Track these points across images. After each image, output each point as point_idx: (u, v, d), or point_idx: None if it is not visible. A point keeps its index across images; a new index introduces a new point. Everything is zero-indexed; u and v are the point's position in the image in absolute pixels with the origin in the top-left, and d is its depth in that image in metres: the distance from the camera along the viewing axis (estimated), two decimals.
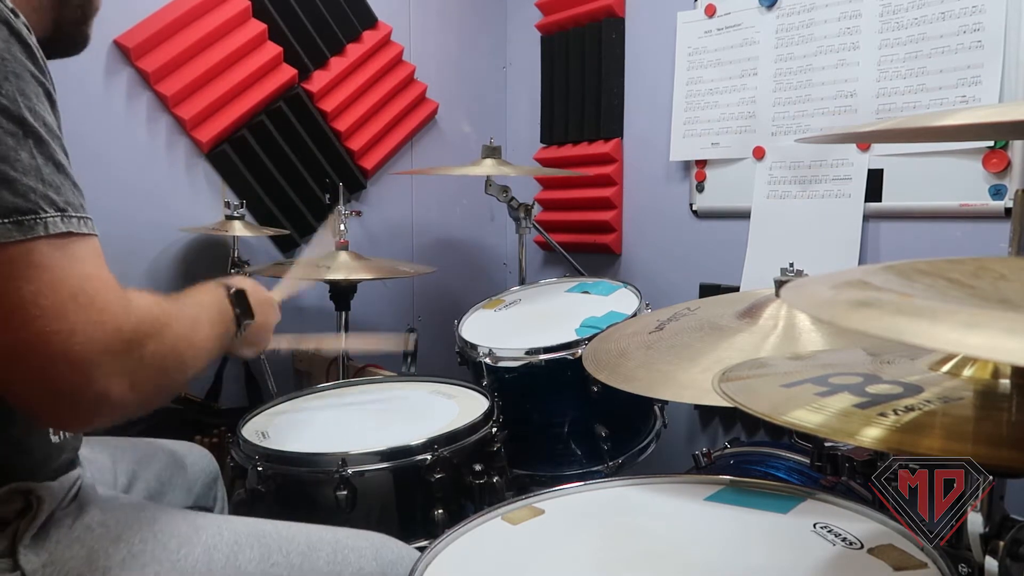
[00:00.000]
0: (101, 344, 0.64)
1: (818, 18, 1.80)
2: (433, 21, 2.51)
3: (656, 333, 1.20)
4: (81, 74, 1.81)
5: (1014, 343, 0.40)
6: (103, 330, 0.64)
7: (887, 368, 0.68)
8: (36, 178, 0.63)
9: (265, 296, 1.00)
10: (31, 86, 0.65)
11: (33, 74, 0.66)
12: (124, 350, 0.66)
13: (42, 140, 0.65)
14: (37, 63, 0.67)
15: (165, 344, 0.71)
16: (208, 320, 0.82)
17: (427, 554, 0.82)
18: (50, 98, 0.68)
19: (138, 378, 0.68)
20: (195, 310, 0.81)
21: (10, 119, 0.63)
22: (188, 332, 0.76)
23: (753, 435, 1.98)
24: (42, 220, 0.63)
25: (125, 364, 0.66)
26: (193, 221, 1.98)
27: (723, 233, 2.05)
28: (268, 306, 1.00)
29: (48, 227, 0.63)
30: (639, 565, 0.80)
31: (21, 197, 0.62)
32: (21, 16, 0.66)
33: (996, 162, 1.52)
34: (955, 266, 0.59)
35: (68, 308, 0.63)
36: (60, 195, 0.65)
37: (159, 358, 0.70)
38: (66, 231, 0.64)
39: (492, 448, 1.28)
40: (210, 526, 0.87)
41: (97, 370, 0.64)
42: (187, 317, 0.77)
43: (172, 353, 0.73)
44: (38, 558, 0.75)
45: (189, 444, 1.28)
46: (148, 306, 0.70)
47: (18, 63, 0.64)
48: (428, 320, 2.52)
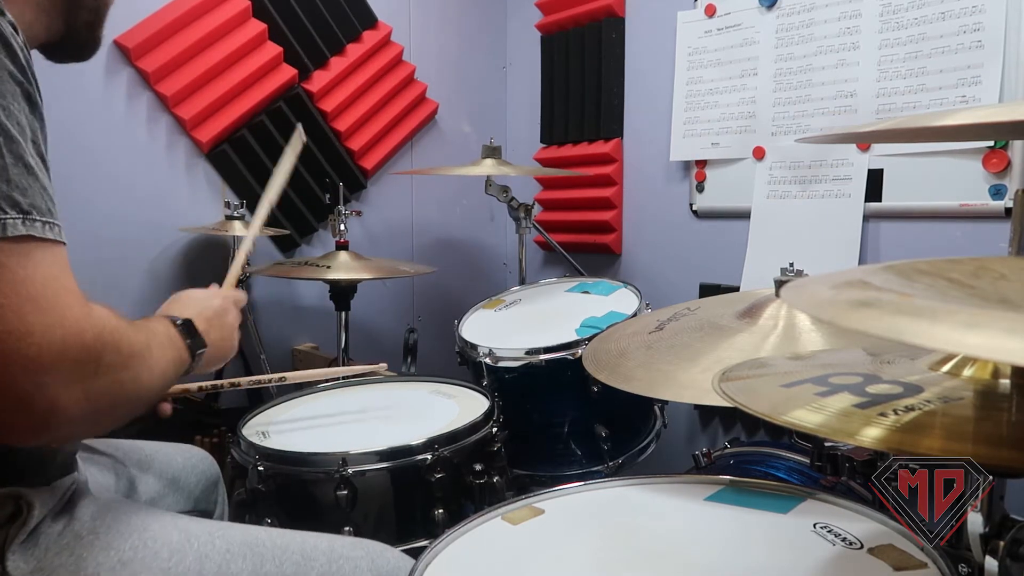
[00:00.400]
0: (58, 348, 0.62)
1: (818, 18, 1.80)
2: (433, 21, 2.51)
3: (656, 333, 1.20)
4: (81, 74, 1.81)
5: (1014, 343, 0.40)
6: (62, 334, 0.62)
7: (887, 368, 0.68)
8: (1, 178, 0.62)
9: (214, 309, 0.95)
10: (7, 85, 0.64)
11: (11, 73, 0.65)
12: (82, 357, 0.64)
13: (12, 139, 0.64)
14: (18, 63, 0.66)
15: (122, 358, 0.69)
16: (159, 345, 0.79)
17: (427, 554, 0.82)
18: (30, 100, 0.67)
19: (93, 389, 0.66)
20: (146, 334, 0.77)
21: None
22: (143, 352, 0.74)
23: (753, 435, 1.98)
24: (1, 221, 0.61)
25: (82, 372, 0.64)
26: (193, 221, 1.98)
27: (723, 233, 2.05)
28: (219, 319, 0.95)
29: (7, 229, 0.61)
30: (639, 565, 0.80)
31: None
32: (7, 15, 0.65)
33: (996, 162, 1.52)
34: (955, 266, 0.59)
35: (26, 309, 0.61)
36: (26, 197, 0.63)
37: (116, 372, 0.68)
38: (26, 234, 0.63)
39: (492, 448, 1.28)
40: (202, 534, 0.86)
41: (50, 375, 0.62)
42: (141, 338, 0.75)
43: (129, 370, 0.70)
44: (27, 565, 0.74)
45: (190, 447, 1.27)
46: (109, 318, 0.69)
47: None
48: (428, 320, 2.52)
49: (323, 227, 2.27)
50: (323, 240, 2.28)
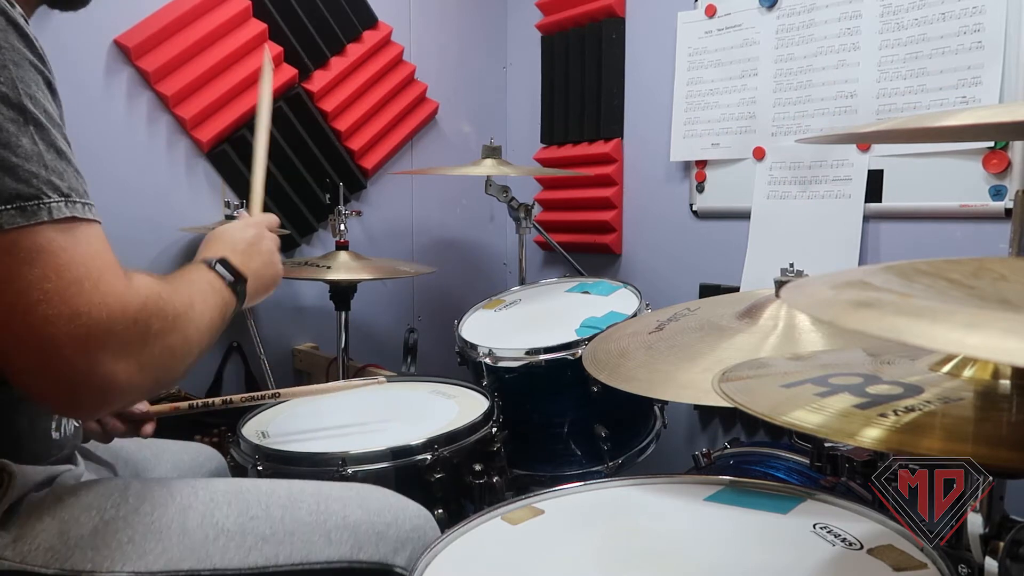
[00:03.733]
0: (106, 326, 0.64)
1: (818, 18, 1.80)
2: (433, 21, 2.51)
3: (656, 333, 1.20)
4: (81, 74, 1.81)
5: (1014, 343, 0.40)
6: (108, 311, 0.64)
7: (887, 368, 0.68)
8: (39, 164, 0.64)
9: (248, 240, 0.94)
10: (30, 74, 0.66)
11: (32, 62, 0.66)
12: (130, 331, 0.66)
13: (43, 127, 0.65)
14: (36, 51, 0.67)
15: (169, 322, 0.71)
16: (201, 297, 0.80)
17: (427, 554, 0.82)
18: (50, 86, 0.69)
19: (145, 359, 0.67)
20: (187, 289, 0.79)
21: (10, 106, 0.63)
22: (187, 310, 0.75)
23: (753, 435, 1.97)
24: (46, 205, 0.63)
25: (131, 345, 0.66)
26: (193, 221, 1.98)
27: (723, 233, 2.05)
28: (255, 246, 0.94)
29: (52, 212, 0.63)
30: (639, 565, 0.80)
31: (24, 183, 0.62)
32: (17, 7, 0.66)
33: (996, 163, 1.52)
34: (955, 266, 0.59)
35: (71, 291, 0.63)
36: (63, 181, 0.65)
37: (164, 337, 0.70)
38: (70, 216, 0.65)
39: (492, 448, 1.29)
40: (184, 488, 0.86)
41: (103, 352, 0.64)
42: (183, 295, 0.76)
43: (177, 332, 0.72)
44: (8, 534, 0.74)
45: (198, 445, 1.27)
46: (150, 286, 0.71)
47: (16, 51, 0.65)
48: (428, 320, 2.52)
49: (323, 227, 2.27)
50: (323, 240, 2.28)
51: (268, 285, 0.96)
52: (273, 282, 0.97)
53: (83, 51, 1.81)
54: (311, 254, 2.22)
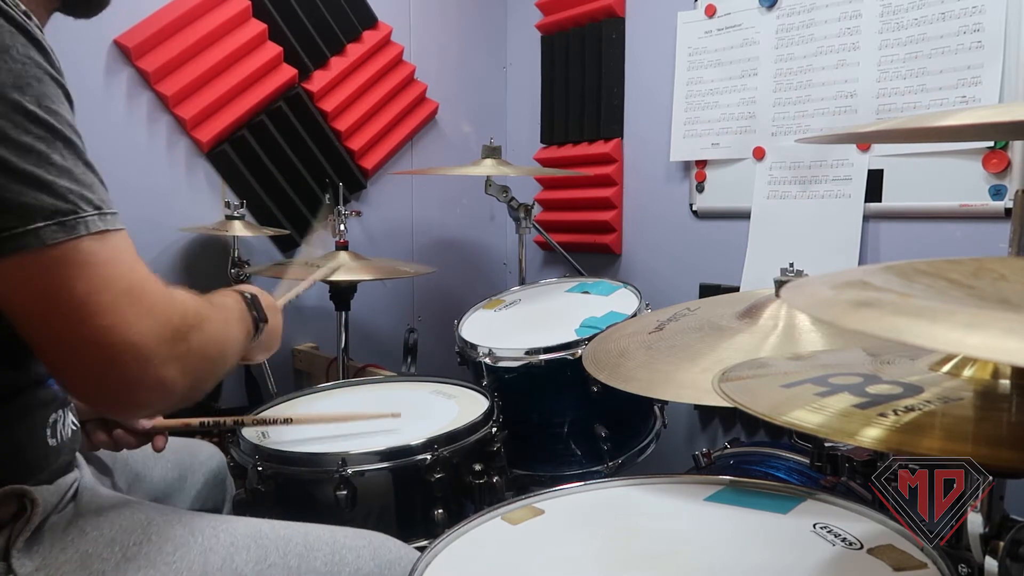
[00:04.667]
0: (155, 334, 0.68)
1: (818, 18, 1.80)
2: (433, 21, 2.51)
3: (656, 333, 1.20)
4: (81, 74, 1.81)
5: (1014, 343, 0.40)
6: (156, 321, 0.68)
7: (887, 368, 0.68)
8: (70, 179, 0.66)
9: (271, 302, 1.02)
10: (51, 88, 0.67)
11: (52, 76, 0.67)
12: (175, 338, 0.70)
13: (70, 141, 0.67)
14: (54, 65, 0.68)
15: (206, 334, 0.75)
16: (234, 318, 0.87)
17: (427, 554, 0.82)
18: (69, 99, 0.70)
19: (188, 364, 0.71)
20: (222, 309, 0.84)
21: (38, 124, 0.64)
22: (222, 326, 0.81)
23: (753, 435, 1.97)
24: (83, 220, 0.65)
25: (177, 351, 0.70)
26: (193, 221, 1.98)
27: (723, 233, 2.04)
28: (276, 311, 1.03)
29: (89, 226, 0.66)
30: (639, 565, 0.80)
31: (60, 199, 0.64)
32: (34, 19, 0.67)
33: (996, 162, 1.52)
34: (955, 266, 0.59)
35: (122, 303, 0.66)
36: (95, 193, 0.68)
37: (203, 346, 0.74)
38: (104, 228, 0.67)
39: (492, 448, 1.28)
40: (206, 528, 0.87)
41: (155, 358, 0.68)
42: (219, 313, 0.82)
43: (213, 343, 0.77)
44: (32, 562, 0.74)
45: (199, 442, 1.27)
46: (188, 300, 0.75)
47: (38, 67, 0.66)
48: (428, 320, 2.52)
49: (323, 227, 2.26)
50: (323, 240, 2.28)
51: (270, 347, 1.02)
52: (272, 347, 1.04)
53: (83, 51, 1.81)
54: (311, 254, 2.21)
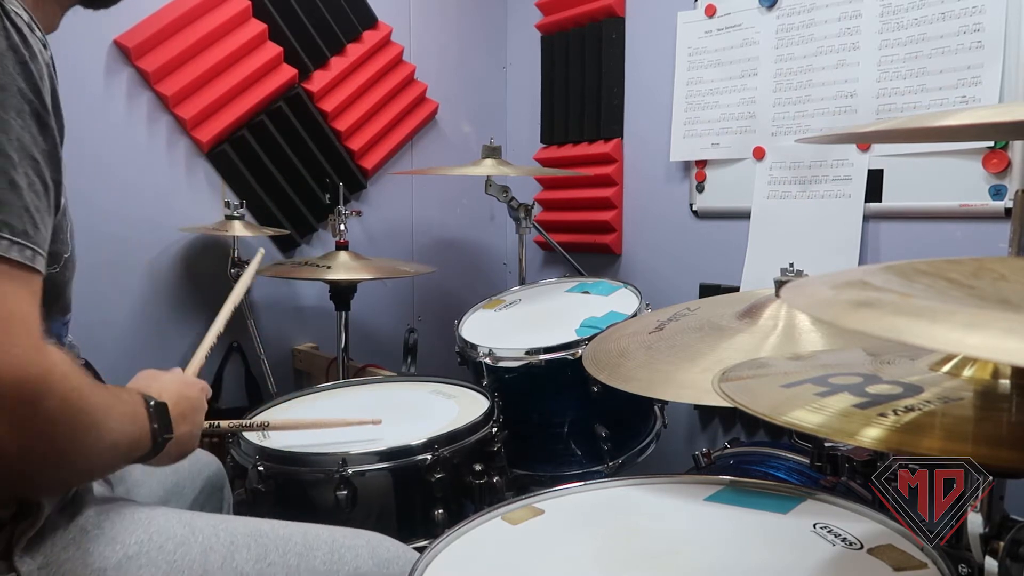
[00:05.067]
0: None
1: (818, 18, 1.80)
2: (433, 21, 2.51)
3: (656, 333, 1.20)
4: (81, 74, 1.81)
5: (1014, 343, 0.40)
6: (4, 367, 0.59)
7: (887, 368, 0.68)
8: None
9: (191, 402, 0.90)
10: (14, 100, 0.64)
11: (21, 90, 0.64)
12: (18, 395, 0.60)
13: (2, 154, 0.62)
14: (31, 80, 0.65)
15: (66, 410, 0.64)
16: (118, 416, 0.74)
17: (427, 554, 0.82)
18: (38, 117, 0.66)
19: (26, 432, 0.62)
20: (108, 400, 0.73)
21: None
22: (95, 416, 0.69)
23: (753, 435, 1.97)
24: None
25: (15, 411, 0.60)
26: (193, 221, 1.98)
27: (723, 233, 2.04)
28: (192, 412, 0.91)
29: None
30: (639, 565, 0.80)
31: None
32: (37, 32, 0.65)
33: (996, 162, 1.52)
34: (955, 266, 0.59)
35: None
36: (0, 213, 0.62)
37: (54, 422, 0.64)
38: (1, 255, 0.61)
39: (492, 448, 1.28)
40: (206, 527, 0.87)
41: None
42: (100, 400, 0.70)
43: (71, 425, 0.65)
44: (34, 561, 0.74)
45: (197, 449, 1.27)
46: (63, 364, 0.65)
47: (7, 75, 0.63)
48: (428, 320, 2.52)
49: (323, 227, 2.27)
50: (323, 240, 2.28)
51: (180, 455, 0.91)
52: (185, 454, 0.91)
53: (83, 51, 1.81)
54: (311, 254, 2.22)
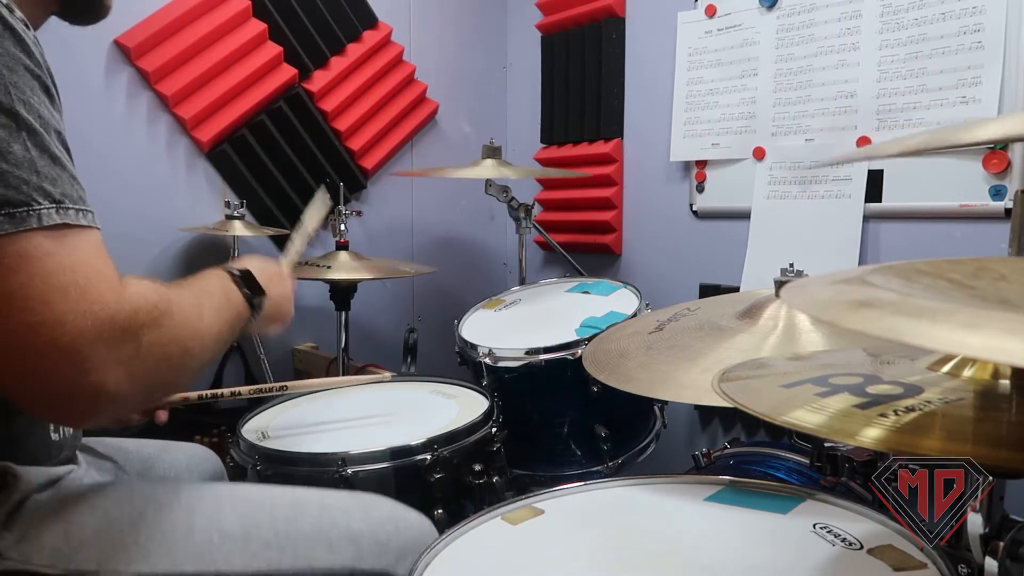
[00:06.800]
0: (92, 333, 0.62)
1: (818, 18, 1.80)
2: (433, 21, 2.51)
3: (656, 333, 1.20)
4: (81, 74, 1.81)
5: (1014, 344, 0.40)
6: (95, 319, 0.63)
7: (887, 368, 0.68)
8: (30, 170, 0.64)
9: (274, 269, 0.97)
10: (25, 79, 0.66)
11: (28, 67, 0.66)
12: (118, 339, 0.64)
13: (36, 132, 0.65)
14: (33, 57, 0.67)
15: (165, 334, 0.69)
16: (213, 307, 0.79)
17: (427, 554, 0.82)
18: (48, 92, 0.69)
19: (136, 369, 0.66)
20: (198, 298, 0.78)
21: (2, 112, 0.63)
22: (192, 320, 0.74)
23: (753, 435, 1.97)
24: (35, 212, 0.63)
25: (120, 354, 0.64)
26: (193, 221, 1.98)
27: (723, 233, 2.04)
28: (279, 278, 0.97)
29: (42, 219, 0.63)
30: (639, 565, 0.80)
31: (13, 189, 0.62)
32: (17, 11, 0.66)
33: (996, 163, 1.52)
34: (955, 266, 0.59)
35: (55, 298, 0.61)
36: (56, 187, 0.65)
37: (158, 348, 0.68)
38: (62, 223, 0.64)
39: (492, 448, 1.28)
40: (191, 492, 0.86)
41: (90, 361, 0.62)
42: (190, 305, 0.75)
43: (173, 342, 0.70)
44: (11, 534, 0.74)
45: (194, 446, 1.27)
46: (146, 294, 0.68)
47: (9, 56, 0.65)
48: (428, 320, 2.52)
49: (323, 227, 2.26)
50: (323, 240, 2.28)
51: (280, 317, 0.98)
52: (285, 316, 0.99)
53: (83, 51, 1.81)
54: (311, 254, 2.21)
